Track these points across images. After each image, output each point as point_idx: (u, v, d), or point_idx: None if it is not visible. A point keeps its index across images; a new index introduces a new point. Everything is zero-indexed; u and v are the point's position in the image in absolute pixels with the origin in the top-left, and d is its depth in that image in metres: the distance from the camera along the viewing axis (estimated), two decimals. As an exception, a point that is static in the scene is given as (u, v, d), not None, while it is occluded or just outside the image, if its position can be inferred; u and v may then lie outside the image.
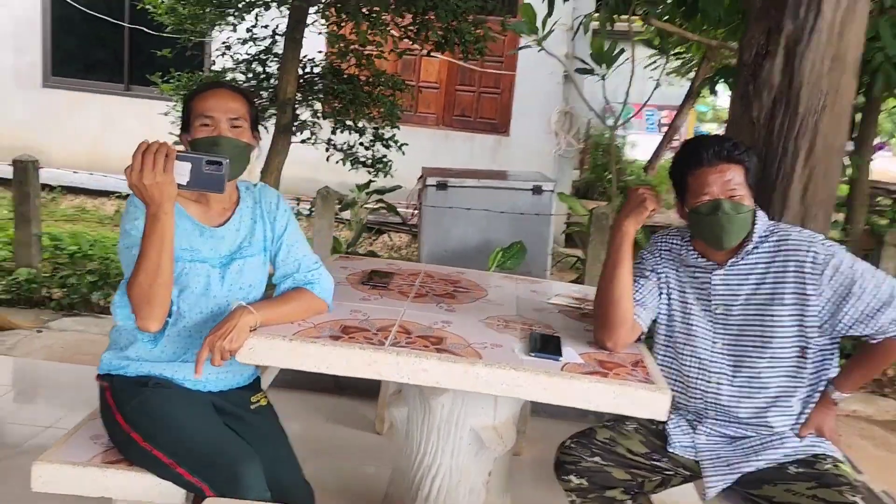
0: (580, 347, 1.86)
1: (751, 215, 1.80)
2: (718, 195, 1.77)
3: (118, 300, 1.76)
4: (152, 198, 1.56)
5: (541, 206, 5.07)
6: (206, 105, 1.80)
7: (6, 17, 8.43)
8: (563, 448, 1.92)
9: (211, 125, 1.78)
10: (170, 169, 1.55)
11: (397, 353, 1.68)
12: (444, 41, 4.35)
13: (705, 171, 1.78)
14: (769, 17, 2.48)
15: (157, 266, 1.62)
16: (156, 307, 1.66)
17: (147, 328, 1.68)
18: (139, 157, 1.54)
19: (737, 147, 1.79)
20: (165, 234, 1.60)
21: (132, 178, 1.54)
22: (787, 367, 1.82)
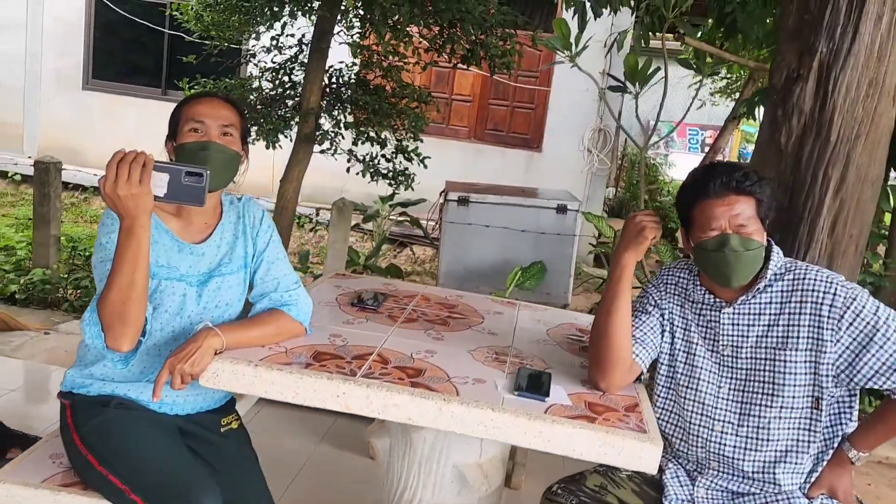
0: (572, 387, 1.72)
1: (761, 252, 1.64)
2: (726, 230, 1.62)
3: (88, 317, 1.62)
4: (127, 210, 1.46)
5: (564, 226, 4.93)
6: (196, 110, 1.71)
7: (52, 20, 8.61)
8: (548, 493, 1.77)
9: (201, 131, 1.70)
10: (146, 180, 1.45)
11: (367, 386, 1.56)
12: (471, 54, 4.24)
13: (712, 203, 1.63)
14: (802, 39, 2.32)
15: (131, 283, 1.51)
16: (128, 326, 1.54)
17: (118, 348, 1.56)
18: (114, 167, 1.44)
19: (748, 177, 1.63)
20: (140, 248, 1.50)
21: (106, 189, 1.44)
22: (798, 419, 1.65)
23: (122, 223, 1.49)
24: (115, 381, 1.71)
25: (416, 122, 4.67)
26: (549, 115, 8.04)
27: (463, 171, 7.71)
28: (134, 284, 1.51)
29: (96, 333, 1.56)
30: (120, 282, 1.51)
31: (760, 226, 1.64)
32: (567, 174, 7.74)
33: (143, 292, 1.54)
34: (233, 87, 4.55)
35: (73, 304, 4.19)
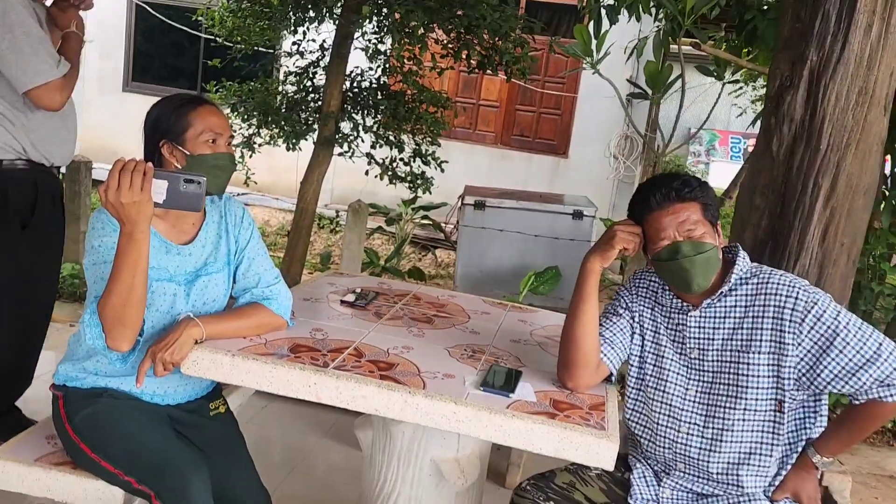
0: (541, 385, 1.77)
1: (716, 253, 1.67)
2: (676, 238, 1.66)
3: (88, 319, 1.69)
4: (129, 217, 1.53)
5: (580, 232, 4.95)
6: (211, 121, 1.77)
7: (94, 24, 8.89)
8: (518, 489, 1.82)
9: (218, 143, 1.77)
10: (147, 188, 1.52)
11: (337, 377, 1.63)
12: (486, 60, 4.30)
13: (657, 214, 1.67)
14: (794, 47, 2.33)
15: (131, 287, 1.58)
16: (128, 328, 1.63)
17: (118, 348, 1.65)
18: (116, 176, 1.51)
19: (687, 184, 1.67)
20: (141, 254, 1.58)
21: (108, 197, 1.51)
22: (761, 422, 1.67)
23: (122, 229, 1.55)
24: (107, 376, 1.79)
25: (434, 126, 4.74)
26: (575, 121, 8.05)
27: (489, 176, 7.77)
28: (134, 288, 1.59)
29: (97, 335, 1.65)
30: (120, 286, 1.58)
31: (710, 228, 1.67)
32: (593, 181, 7.74)
33: (142, 296, 1.62)
34: (256, 90, 4.68)
35: (99, 298, 4.36)
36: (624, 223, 1.76)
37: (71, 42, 2.46)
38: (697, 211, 1.66)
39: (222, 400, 1.96)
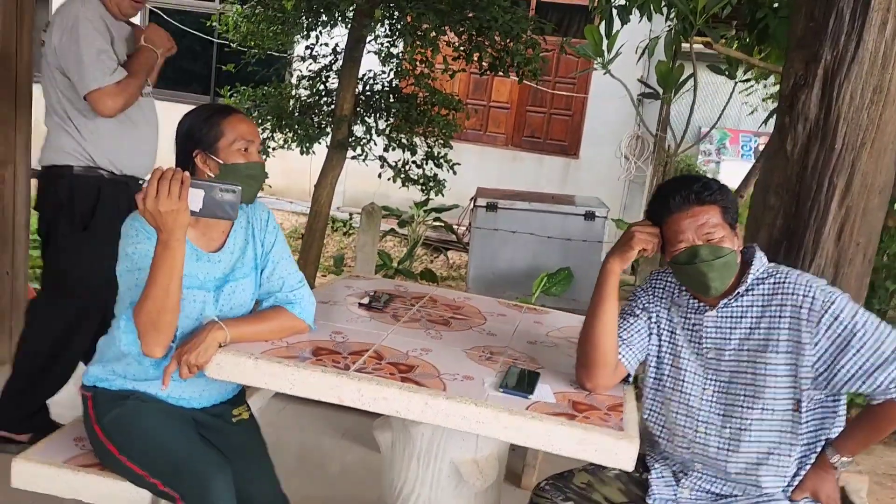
0: (560, 386, 1.78)
1: (734, 257, 1.68)
2: (694, 241, 1.66)
3: (123, 325, 1.72)
4: (165, 224, 1.55)
5: (593, 233, 4.97)
6: (242, 129, 1.79)
7: (107, 31, 8.98)
8: (537, 489, 1.84)
9: (249, 151, 1.79)
10: (184, 196, 1.54)
11: (359, 380, 1.65)
12: (497, 62, 4.32)
13: (676, 217, 1.67)
14: (808, 46, 2.33)
15: (166, 293, 1.61)
16: (162, 334, 1.65)
17: (152, 354, 1.68)
18: (154, 184, 1.53)
19: (707, 187, 1.67)
20: (176, 261, 1.60)
21: (147, 205, 1.53)
22: (779, 421, 1.68)
23: (159, 237, 1.58)
24: (135, 380, 1.82)
25: (446, 129, 4.76)
26: (586, 122, 8.06)
27: (499, 178, 7.78)
28: (169, 295, 1.61)
29: (132, 341, 1.69)
30: (156, 293, 1.61)
31: (730, 231, 1.68)
32: (604, 181, 7.74)
33: (176, 303, 1.64)
34: (270, 94, 4.72)
35: (117, 303, 4.39)
36: (642, 224, 1.77)
37: (140, 55, 2.54)
38: (717, 214, 1.66)
39: (245, 406, 1.99)
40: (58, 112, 2.51)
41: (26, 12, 3.27)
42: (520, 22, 4.05)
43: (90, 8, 2.42)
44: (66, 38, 2.39)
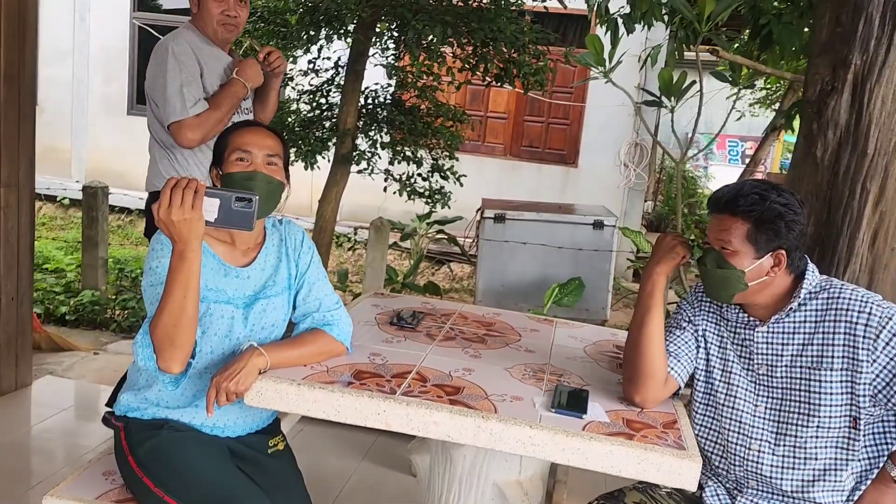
0: (609, 404, 1.73)
1: (736, 276, 1.63)
2: (713, 244, 1.67)
3: (140, 340, 1.67)
4: (180, 235, 1.51)
5: (602, 242, 4.93)
6: (243, 139, 1.76)
7: (98, 49, 8.91)
8: (588, 511, 1.79)
9: (247, 160, 1.75)
10: (198, 206, 1.51)
11: (407, 404, 1.60)
12: (504, 73, 4.29)
13: (715, 216, 1.69)
14: (835, 52, 2.31)
15: (182, 306, 1.56)
16: (178, 349, 1.60)
17: (169, 370, 1.62)
18: (167, 193, 1.50)
19: (746, 200, 1.62)
20: (192, 272, 1.55)
21: (160, 215, 1.50)
22: (836, 438, 1.64)
23: (174, 248, 1.54)
24: (168, 408, 1.76)
25: (451, 140, 4.73)
26: (584, 130, 8.06)
27: (499, 187, 7.76)
28: (185, 308, 1.56)
29: (149, 356, 1.62)
30: (171, 305, 1.56)
31: (751, 252, 1.63)
32: (604, 189, 7.73)
33: (193, 316, 1.59)
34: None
35: (121, 325, 4.32)
36: (674, 234, 1.79)
37: (228, 87, 2.54)
38: (743, 229, 1.62)
39: (281, 436, 1.92)
40: (158, 140, 2.60)
41: (29, 33, 3.21)
42: (525, 33, 4.03)
43: (181, 42, 2.50)
44: (155, 70, 2.50)
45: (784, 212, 1.62)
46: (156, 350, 1.61)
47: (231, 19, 2.57)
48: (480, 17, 4.00)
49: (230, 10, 2.55)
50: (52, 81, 8.77)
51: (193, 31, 2.60)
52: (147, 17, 8.86)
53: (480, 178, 7.83)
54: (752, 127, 14.56)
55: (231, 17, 2.57)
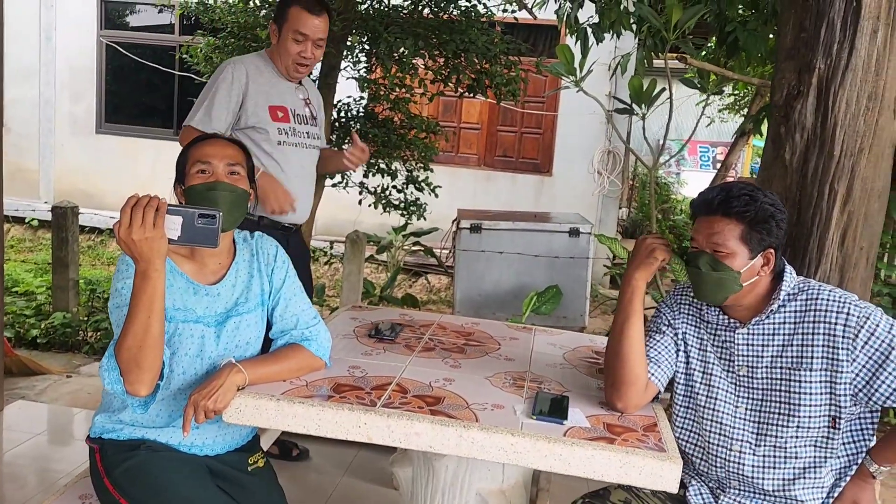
0: (590, 409, 1.74)
1: (731, 277, 1.64)
2: (703, 247, 1.67)
3: (106, 363, 1.61)
4: (142, 254, 1.48)
5: (578, 249, 4.95)
6: (202, 152, 1.75)
7: (65, 67, 8.81)
8: (573, 511, 1.79)
9: (208, 172, 1.73)
10: (160, 224, 1.47)
11: (388, 416, 1.59)
12: (476, 84, 4.31)
13: (700, 219, 1.70)
14: (799, 57, 2.35)
15: (147, 327, 1.52)
16: (145, 371, 1.55)
17: (136, 393, 1.57)
18: (128, 212, 1.46)
19: (739, 201, 1.63)
20: (156, 293, 1.52)
21: (121, 234, 1.46)
22: (815, 437, 1.66)
23: (137, 267, 1.50)
24: (144, 427, 1.73)
25: (425, 152, 4.74)
26: (557, 139, 8.12)
27: (474, 198, 7.78)
28: (149, 329, 1.53)
29: (115, 378, 1.57)
30: (136, 327, 1.52)
31: (745, 253, 1.64)
32: (578, 197, 7.78)
33: (159, 336, 1.55)
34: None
35: (94, 347, 4.25)
36: (654, 236, 1.78)
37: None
38: (736, 231, 1.64)
39: (261, 453, 1.90)
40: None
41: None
42: (497, 44, 4.05)
43: (240, 67, 2.58)
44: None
45: (774, 212, 1.65)
46: (122, 373, 1.56)
47: (306, 60, 2.61)
48: (452, 28, 4.02)
49: (307, 52, 2.59)
50: (18, 101, 8.64)
51: (265, 58, 2.67)
52: (115, 34, 8.78)
53: (455, 188, 7.85)
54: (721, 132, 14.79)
55: (306, 59, 2.61)
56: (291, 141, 2.65)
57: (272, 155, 2.60)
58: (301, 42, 2.57)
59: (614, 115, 6.03)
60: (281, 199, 2.56)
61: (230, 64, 2.61)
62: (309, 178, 2.77)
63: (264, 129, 2.58)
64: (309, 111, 2.75)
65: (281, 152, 2.61)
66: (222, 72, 2.57)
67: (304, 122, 2.71)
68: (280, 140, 2.61)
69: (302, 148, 2.70)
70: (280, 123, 2.62)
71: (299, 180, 2.69)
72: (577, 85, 4.75)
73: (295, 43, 2.58)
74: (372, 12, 4.22)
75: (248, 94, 2.57)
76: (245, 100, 2.57)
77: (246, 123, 2.59)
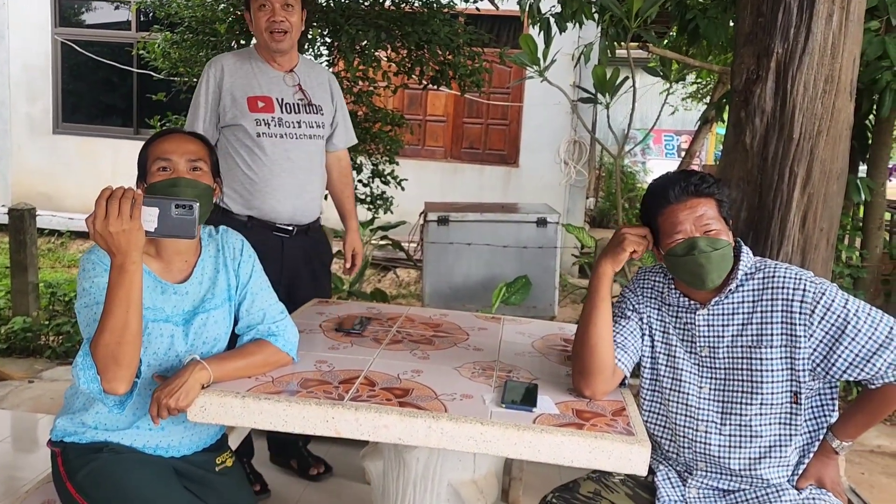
0: (559, 396, 1.74)
1: (730, 251, 1.68)
2: (692, 233, 1.66)
3: (81, 362, 1.55)
4: (119, 247, 1.44)
5: (546, 239, 4.98)
6: (162, 148, 1.71)
7: (19, 67, 8.59)
8: (543, 503, 1.79)
9: (169, 168, 1.69)
10: (137, 215, 1.45)
11: (356, 409, 1.57)
12: (440, 75, 4.30)
13: (674, 208, 1.67)
14: (758, 41, 2.38)
15: (125, 322, 1.49)
16: (124, 367, 1.52)
17: (114, 391, 1.54)
18: (103, 204, 1.43)
19: (704, 180, 1.68)
20: (133, 286, 1.49)
21: (97, 227, 1.43)
22: (779, 414, 1.68)
23: (113, 261, 1.47)
24: (107, 430, 1.69)
25: (390, 145, 4.71)
26: (523, 130, 8.13)
27: (441, 191, 7.77)
28: (128, 323, 1.50)
29: (91, 377, 1.54)
30: (113, 322, 1.49)
31: (725, 226, 1.68)
32: (546, 187, 7.81)
33: (137, 331, 1.52)
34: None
35: (56, 351, 4.16)
36: (631, 227, 1.76)
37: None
38: (713, 207, 1.67)
39: (229, 453, 1.86)
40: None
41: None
42: (460, 35, 4.04)
43: (214, 64, 2.57)
44: None
45: (724, 185, 1.71)
46: (99, 371, 1.53)
47: (277, 25, 2.47)
48: (414, 20, 4.00)
49: (276, 16, 2.47)
50: (-28, 103, 8.42)
51: (250, 51, 2.64)
52: (70, 32, 8.58)
53: (422, 181, 7.82)
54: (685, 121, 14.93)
55: (277, 23, 2.47)
56: (275, 132, 2.52)
57: (252, 149, 2.51)
58: (265, 7, 2.47)
59: (579, 104, 6.07)
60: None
61: (208, 64, 2.58)
62: (302, 171, 2.59)
63: (239, 123, 2.50)
64: (303, 98, 2.59)
65: (261, 145, 2.51)
66: (203, 74, 2.57)
67: (293, 110, 2.57)
68: (259, 132, 2.50)
69: (291, 139, 2.55)
70: (259, 114, 2.51)
71: (287, 174, 2.55)
72: (541, 75, 4.76)
73: (260, 11, 2.48)
74: (332, 4, 4.18)
75: (224, 89, 2.52)
76: (222, 95, 2.52)
77: (224, 121, 2.53)
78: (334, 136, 2.76)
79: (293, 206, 2.58)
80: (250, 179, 2.52)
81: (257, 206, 2.53)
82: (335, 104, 2.76)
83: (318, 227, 2.75)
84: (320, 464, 2.86)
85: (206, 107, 2.53)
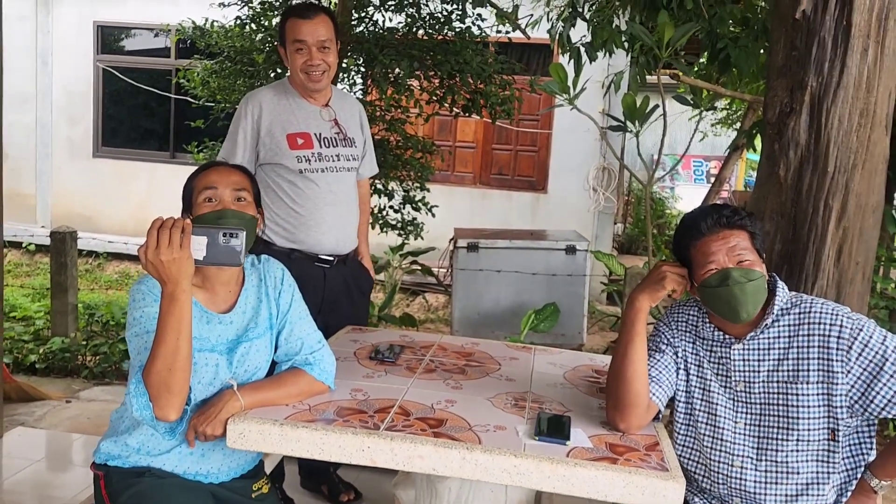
0: (592, 429, 1.75)
1: (763, 282, 1.68)
2: (725, 264, 1.66)
3: (134, 389, 1.58)
4: (169, 275, 1.49)
5: (575, 266, 4.98)
6: (208, 179, 1.76)
7: (61, 92, 8.85)
8: (575, 537, 1.78)
9: (214, 199, 1.74)
10: (186, 244, 1.50)
11: (391, 439, 1.59)
12: (471, 104, 4.35)
13: (707, 240, 1.68)
14: (791, 74, 2.39)
15: (176, 349, 1.53)
16: (175, 394, 1.56)
17: (166, 417, 1.57)
18: (154, 234, 1.48)
19: (736, 213, 1.69)
20: (184, 314, 1.53)
21: (148, 256, 1.48)
22: (816, 451, 1.67)
23: (164, 290, 1.52)
24: (150, 455, 1.72)
25: (421, 171, 4.76)
26: (552, 156, 8.15)
27: (470, 216, 7.80)
28: (179, 350, 1.54)
29: (144, 404, 1.57)
30: (165, 350, 1.53)
31: (758, 257, 1.69)
32: (574, 214, 7.81)
33: (187, 358, 1.56)
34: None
35: (93, 371, 4.24)
36: (671, 264, 1.77)
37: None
38: (747, 239, 1.67)
39: (265, 479, 1.89)
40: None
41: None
42: (491, 64, 4.10)
43: (254, 99, 2.58)
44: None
45: (756, 218, 1.72)
46: (152, 398, 1.56)
47: (314, 68, 2.51)
48: (446, 50, 4.07)
49: (312, 59, 2.50)
50: (15, 126, 8.63)
51: (285, 85, 2.63)
52: (111, 59, 8.83)
53: (451, 207, 7.87)
54: (715, 146, 14.86)
55: (314, 66, 2.50)
56: (317, 167, 2.57)
57: (296, 183, 2.55)
58: (302, 50, 2.49)
59: (608, 132, 6.09)
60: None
61: (245, 99, 2.60)
62: (343, 203, 2.66)
63: (281, 162, 2.53)
64: (339, 132, 2.64)
65: (304, 180, 2.55)
66: (239, 109, 2.58)
67: (331, 144, 2.62)
68: (301, 168, 2.54)
69: (331, 172, 2.60)
70: (300, 151, 2.54)
71: (330, 207, 2.60)
72: (570, 103, 4.79)
73: (298, 53, 2.50)
74: (367, 35, 4.27)
75: (263, 127, 2.55)
76: (260, 133, 2.55)
77: (263, 158, 2.56)
78: (361, 167, 2.79)
79: (336, 238, 2.63)
80: (295, 213, 2.56)
81: (301, 240, 2.57)
82: (364, 135, 2.81)
83: (356, 255, 2.79)
84: (350, 491, 2.87)
85: (244, 144, 2.56)
